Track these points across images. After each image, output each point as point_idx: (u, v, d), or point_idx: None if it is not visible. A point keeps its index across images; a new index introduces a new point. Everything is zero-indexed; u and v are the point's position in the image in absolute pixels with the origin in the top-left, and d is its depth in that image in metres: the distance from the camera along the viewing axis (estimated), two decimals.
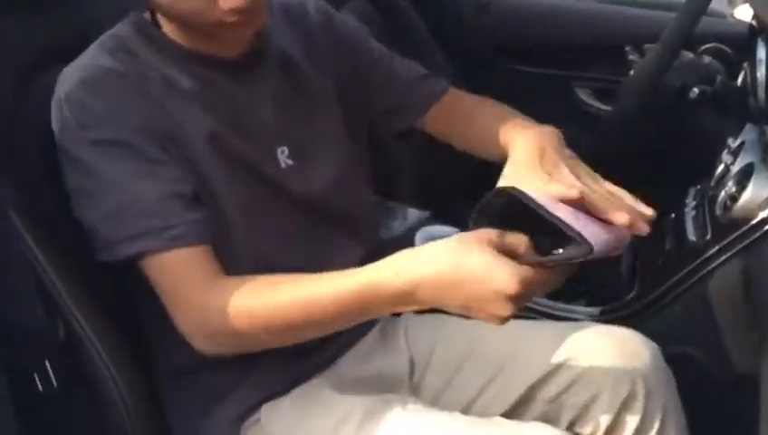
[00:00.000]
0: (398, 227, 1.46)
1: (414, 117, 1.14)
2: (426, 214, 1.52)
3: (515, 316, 0.74)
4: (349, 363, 1.05)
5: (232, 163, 0.92)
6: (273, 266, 0.88)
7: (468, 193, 2.05)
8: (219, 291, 0.85)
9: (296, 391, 0.99)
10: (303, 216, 0.99)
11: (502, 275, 0.72)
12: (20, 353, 0.82)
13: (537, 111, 2.02)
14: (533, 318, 1.28)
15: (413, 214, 1.52)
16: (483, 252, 0.73)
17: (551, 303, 1.35)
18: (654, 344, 1.07)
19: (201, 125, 0.90)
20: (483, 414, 1.04)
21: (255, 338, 0.86)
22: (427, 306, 0.79)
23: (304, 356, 0.99)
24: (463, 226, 1.10)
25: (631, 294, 1.31)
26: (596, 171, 0.93)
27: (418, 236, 1.42)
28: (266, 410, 0.98)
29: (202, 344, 0.87)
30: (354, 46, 1.11)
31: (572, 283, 1.42)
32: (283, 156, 0.98)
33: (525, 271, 0.72)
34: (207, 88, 0.93)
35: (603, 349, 1.05)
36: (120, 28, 0.93)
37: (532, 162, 0.90)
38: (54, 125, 0.88)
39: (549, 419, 1.04)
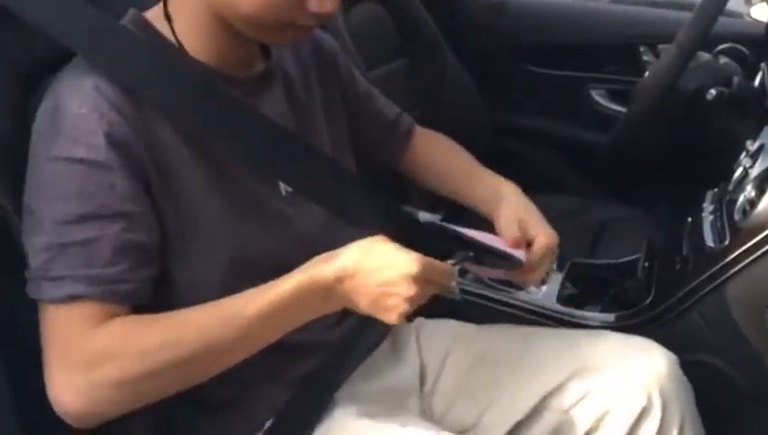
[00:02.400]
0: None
1: (396, 154, 1.19)
2: (437, 217, 1.50)
3: (528, 323, 0.74)
4: (361, 377, 1.03)
5: (229, 188, 0.87)
6: None
7: None
8: (101, 329, 0.77)
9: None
10: (301, 247, 0.93)
11: (404, 257, 0.80)
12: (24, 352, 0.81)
13: (551, 113, 2.02)
14: (546, 325, 1.26)
15: (424, 217, 1.50)
16: (386, 244, 0.82)
17: (564, 309, 1.33)
18: (671, 354, 1.05)
19: (199, 142, 0.85)
20: (494, 424, 1.03)
21: (152, 376, 0.77)
22: (342, 302, 0.83)
23: (315, 373, 0.97)
24: (473, 228, 1.09)
25: (647, 301, 1.29)
26: (611, 174, 0.94)
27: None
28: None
29: (70, 397, 0.76)
30: (342, 76, 1.11)
31: (588, 289, 1.42)
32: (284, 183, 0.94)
33: (425, 258, 0.81)
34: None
35: (619, 358, 1.03)
36: None
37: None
38: (36, 131, 0.80)
39: (562, 430, 1.02)
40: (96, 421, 0.79)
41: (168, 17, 0.86)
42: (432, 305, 0.86)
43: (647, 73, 1.54)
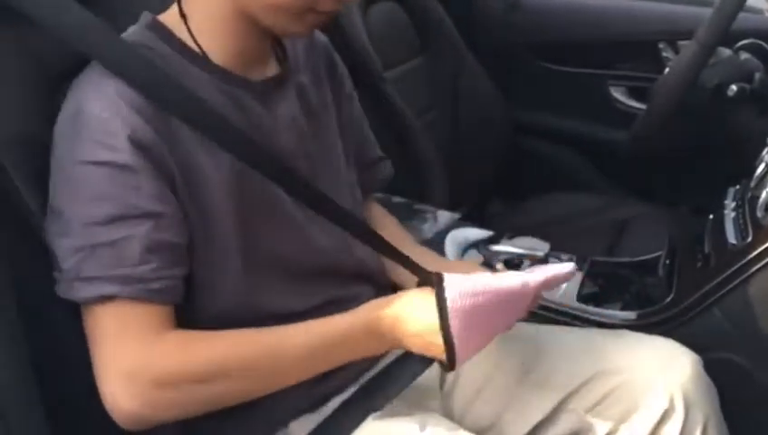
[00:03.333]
0: (428, 229, 1.45)
1: (365, 193, 1.16)
2: (457, 216, 1.50)
3: (548, 321, 0.76)
4: (381, 375, 1.02)
5: (246, 193, 0.87)
6: (265, 306, 0.87)
7: (499, 195, 2.05)
8: (159, 343, 0.79)
9: (326, 408, 0.97)
10: (312, 253, 0.94)
11: None
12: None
13: (570, 111, 2.02)
14: (567, 323, 1.25)
15: (444, 216, 1.51)
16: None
17: (585, 307, 1.32)
18: (694, 354, 1.04)
19: (220, 153, 0.85)
20: (514, 425, 1.03)
21: (196, 392, 0.81)
22: (395, 345, 0.86)
23: (333, 372, 0.97)
24: (493, 227, 1.10)
25: (669, 299, 1.28)
26: (631, 171, 0.93)
27: (449, 238, 1.41)
28: (295, 428, 0.95)
29: (129, 404, 0.78)
30: (347, 94, 1.11)
31: (608, 287, 1.41)
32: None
33: None
34: (236, 108, 0.88)
35: (641, 359, 1.03)
36: (139, 34, 0.87)
37: None
38: (53, 134, 0.81)
39: (583, 431, 1.02)
40: (151, 425, 0.81)
41: (183, 16, 0.87)
42: None
43: (667, 70, 1.53)
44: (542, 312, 1.31)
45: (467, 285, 0.81)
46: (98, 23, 0.78)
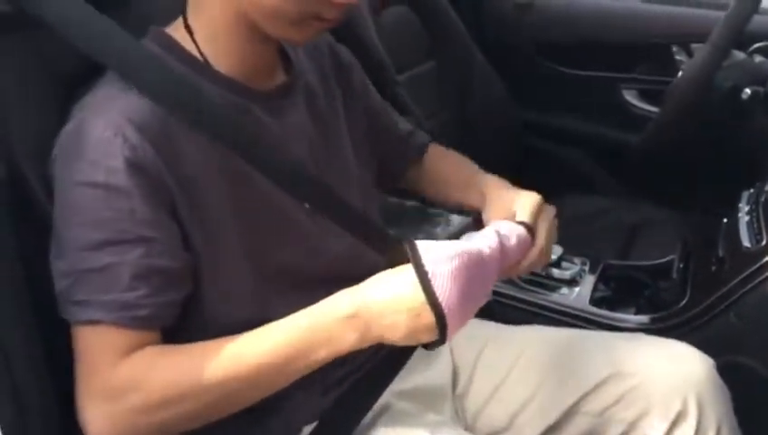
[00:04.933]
0: (440, 233, 1.45)
1: (405, 169, 1.18)
2: (468, 220, 1.50)
3: (561, 324, 0.74)
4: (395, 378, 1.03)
5: (255, 205, 0.87)
6: (278, 317, 0.81)
7: None
8: (129, 364, 0.78)
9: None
10: (322, 262, 0.92)
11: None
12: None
13: (582, 113, 2.01)
14: (580, 327, 1.25)
15: (456, 220, 1.51)
16: (401, 272, 0.78)
17: (598, 311, 1.32)
18: (708, 358, 1.04)
19: (226, 158, 0.84)
20: (527, 427, 1.03)
21: (179, 409, 0.78)
22: (374, 338, 0.78)
23: (356, 371, 0.97)
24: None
25: (683, 302, 1.28)
26: (644, 175, 0.92)
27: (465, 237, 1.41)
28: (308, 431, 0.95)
29: (99, 426, 0.77)
30: (361, 90, 1.10)
31: (621, 291, 1.41)
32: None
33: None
34: (242, 117, 0.87)
35: (654, 362, 1.02)
36: (148, 46, 0.86)
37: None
38: (54, 151, 0.80)
39: (596, 433, 1.01)
40: None
41: (188, 29, 0.86)
42: None
43: (680, 73, 1.53)
44: (555, 315, 1.32)
45: (441, 250, 0.76)
46: (117, 29, 0.79)
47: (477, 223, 1.04)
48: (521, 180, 1.07)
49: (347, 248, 0.94)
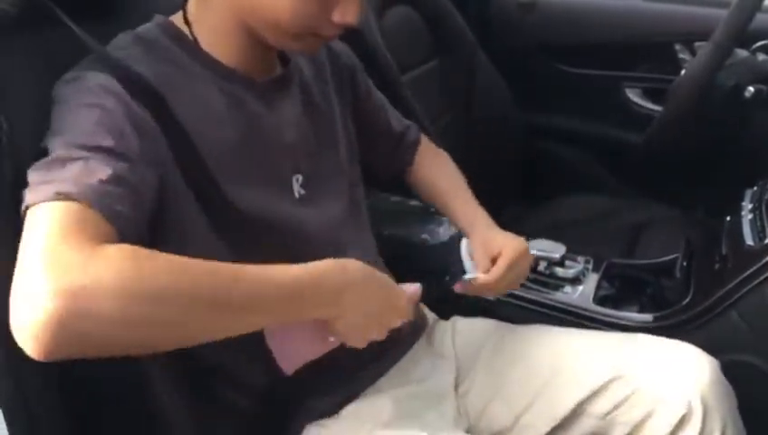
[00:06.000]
0: (443, 232, 1.45)
1: (405, 165, 1.23)
2: None
3: (565, 323, 0.74)
4: (397, 377, 1.03)
5: (246, 187, 0.87)
6: None
7: (514, 197, 2.05)
8: (101, 250, 0.65)
9: (345, 412, 0.97)
10: (309, 247, 0.91)
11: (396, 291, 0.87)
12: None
13: (585, 113, 2.01)
14: (583, 326, 1.25)
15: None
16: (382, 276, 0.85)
17: (601, 309, 1.32)
18: (712, 359, 1.04)
19: (224, 143, 0.86)
20: (531, 428, 1.03)
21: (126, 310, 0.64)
22: (330, 310, 0.79)
23: (359, 372, 0.98)
24: (509, 230, 1.10)
25: (686, 301, 1.28)
26: (647, 174, 0.92)
27: (464, 241, 1.41)
28: (312, 431, 0.96)
29: (47, 311, 0.60)
30: (360, 90, 1.12)
31: (625, 289, 1.41)
32: (298, 184, 0.95)
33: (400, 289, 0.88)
34: (236, 107, 0.89)
35: (658, 363, 1.02)
36: (150, 30, 0.88)
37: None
38: (55, 98, 0.79)
39: None
40: (58, 347, 0.62)
41: (186, 22, 0.88)
42: (468, 305, 0.86)
43: (683, 71, 1.53)
44: (559, 314, 1.32)
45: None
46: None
47: None
48: (524, 180, 1.07)
49: (331, 230, 0.97)
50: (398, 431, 0.95)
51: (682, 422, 0.98)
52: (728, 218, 1.36)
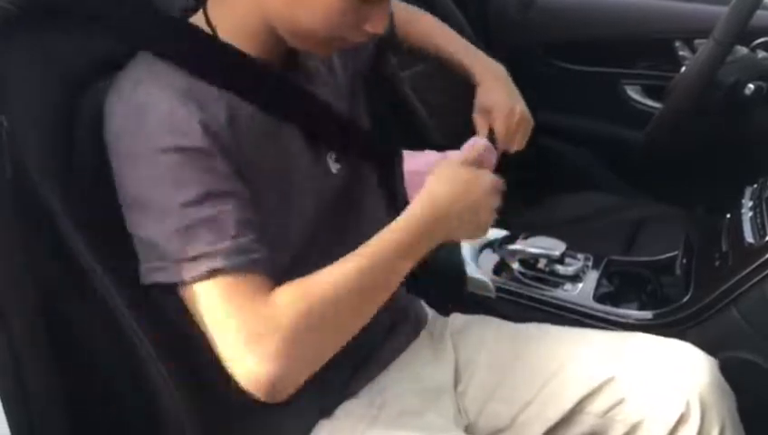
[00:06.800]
0: None
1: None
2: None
3: (564, 321, 0.74)
4: (396, 374, 1.03)
5: (285, 169, 0.90)
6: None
7: (514, 195, 2.04)
8: (273, 299, 0.79)
9: (343, 410, 0.98)
10: (352, 214, 0.98)
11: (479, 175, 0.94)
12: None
13: (585, 110, 2.01)
14: (583, 323, 1.25)
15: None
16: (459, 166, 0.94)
17: (601, 307, 1.32)
18: (711, 358, 1.04)
19: (262, 124, 0.87)
20: (529, 426, 1.03)
21: (319, 333, 0.80)
22: (450, 225, 0.89)
23: (359, 368, 0.98)
24: (509, 227, 1.10)
25: (686, 298, 1.28)
26: (647, 171, 0.94)
27: (466, 244, 1.41)
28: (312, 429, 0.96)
29: (266, 367, 0.77)
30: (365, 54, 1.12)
31: (625, 286, 1.41)
32: (331, 160, 0.97)
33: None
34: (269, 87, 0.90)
35: (657, 362, 1.02)
36: None
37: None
38: (112, 131, 0.81)
39: (598, 434, 1.02)
40: (291, 387, 0.80)
41: (209, 24, 0.87)
42: (468, 303, 0.86)
43: (683, 69, 1.53)
44: (559, 311, 1.32)
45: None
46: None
47: None
48: (524, 177, 1.07)
49: (370, 199, 1.03)
50: (398, 431, 0.95)
51: (680, 422, 0.98)
52: (728, 216, 1.36)
